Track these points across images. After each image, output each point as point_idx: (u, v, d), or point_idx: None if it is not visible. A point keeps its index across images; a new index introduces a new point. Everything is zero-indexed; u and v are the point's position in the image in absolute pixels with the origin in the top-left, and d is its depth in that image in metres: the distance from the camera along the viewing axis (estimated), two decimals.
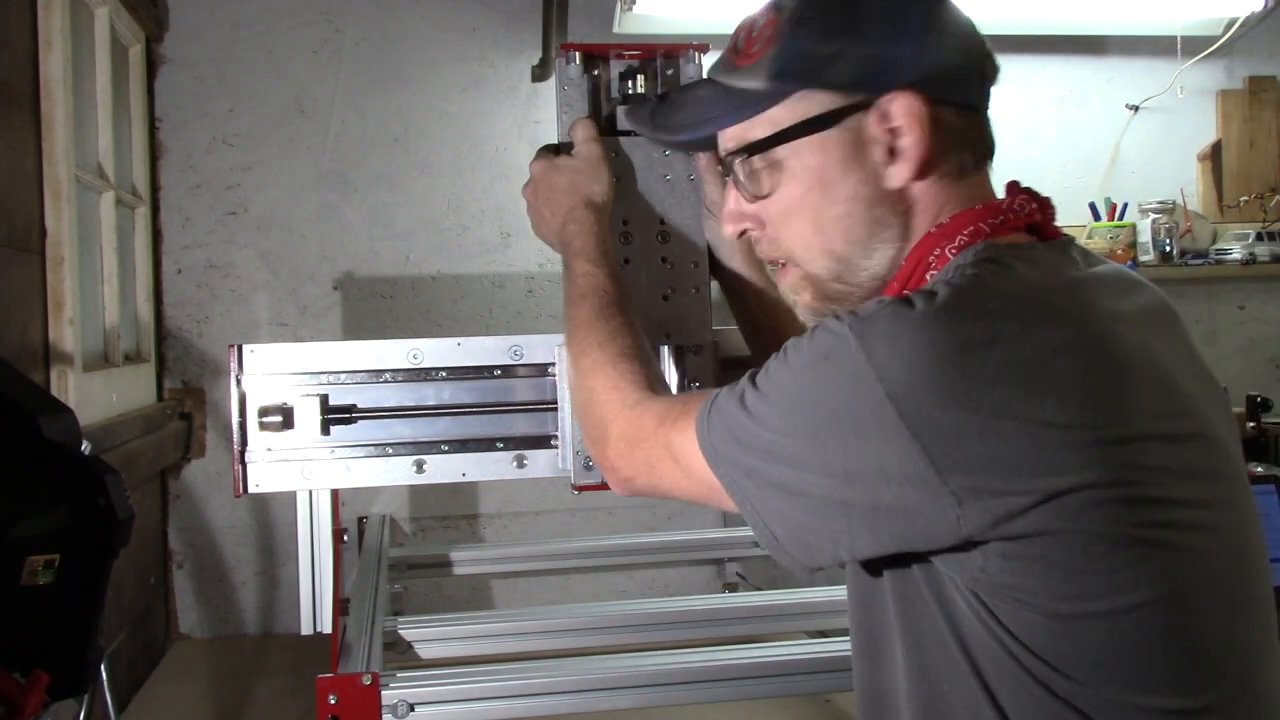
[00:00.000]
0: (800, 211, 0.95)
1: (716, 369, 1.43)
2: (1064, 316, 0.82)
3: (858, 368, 0.78)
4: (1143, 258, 2.98)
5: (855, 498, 0.80)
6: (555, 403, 1.45)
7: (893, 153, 0.93)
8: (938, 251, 0.92)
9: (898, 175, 0.93)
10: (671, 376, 1.37)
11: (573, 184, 1.24)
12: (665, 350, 1.38)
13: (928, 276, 0.91)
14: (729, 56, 0.99)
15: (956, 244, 0.92)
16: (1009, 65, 1.06)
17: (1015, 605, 0.80)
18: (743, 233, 1.01)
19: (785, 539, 0.85)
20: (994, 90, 1.04)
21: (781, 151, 0.94)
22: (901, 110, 0.92)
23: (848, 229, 0.94)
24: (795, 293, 1.00)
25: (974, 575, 0.80)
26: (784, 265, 1.00)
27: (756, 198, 0.97)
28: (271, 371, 1.40)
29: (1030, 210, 0.95)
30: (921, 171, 0.93)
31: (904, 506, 0.78)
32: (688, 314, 1.34)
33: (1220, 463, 0.88)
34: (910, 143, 0.92)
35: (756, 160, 0.96)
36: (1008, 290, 0.83)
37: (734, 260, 1.34)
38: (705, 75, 1.05)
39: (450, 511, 2.86)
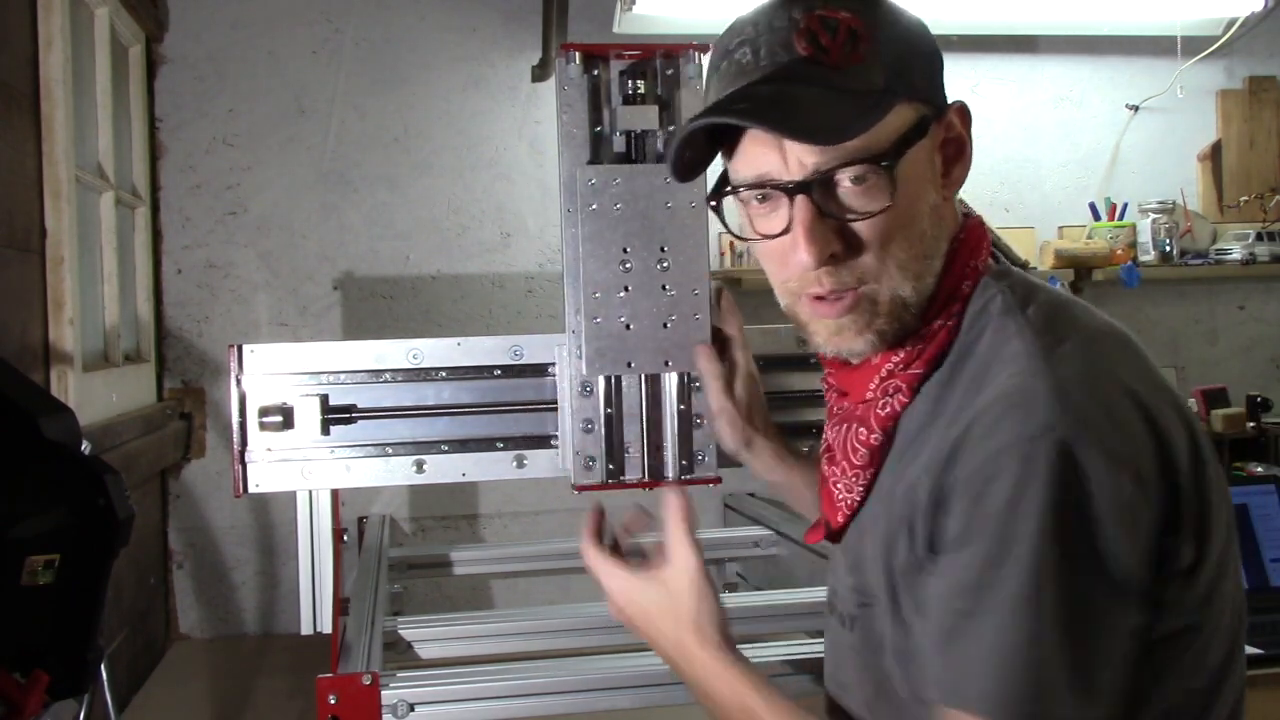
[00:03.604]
0: (905, 227, 0.88)
1: None
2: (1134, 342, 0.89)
3: (1092, 452, 0.76)
4: (1143, 258, 2.98)
5: (1144, 576, 0.77)
6: (555, 403, 1.45)
7: (944, 163, 0.92)
8: (971, 264, 0.92)
9: (957, 182, 0.93)
10: (675, 404, 1.38)
11: (686, 626, 1.02)
12: (667, 378, 1.38)
13: (964, 286, 0.92)
14: (813, 54, 0.85)
15: (982, 257, 0.92)
16: (1009, 65, 1.07)
17: None
18: (830, 258, 0.87)
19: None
20: (994, 90, 1.05)
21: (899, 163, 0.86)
22: (961, 119, 0.93)
23: (929, 243, 0.90)
24: (860, 326, 0.89)
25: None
26: (845, 298, 0.89)
27: (865, 215, 0.86)
28: (271, 371, 1.40)
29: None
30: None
31: (1170, 549, 0.79)
32: (689, 341, 1.35)
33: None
34: (968, 151, 0.93)
35: (871, 173, 0.86)
36: (1088, 317, 0.88)
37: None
38: (768, 69, 0.87)
39: (450, 511, 2.86)
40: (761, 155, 0.87)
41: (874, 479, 0.94)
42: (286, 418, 1.39)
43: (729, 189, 0.92)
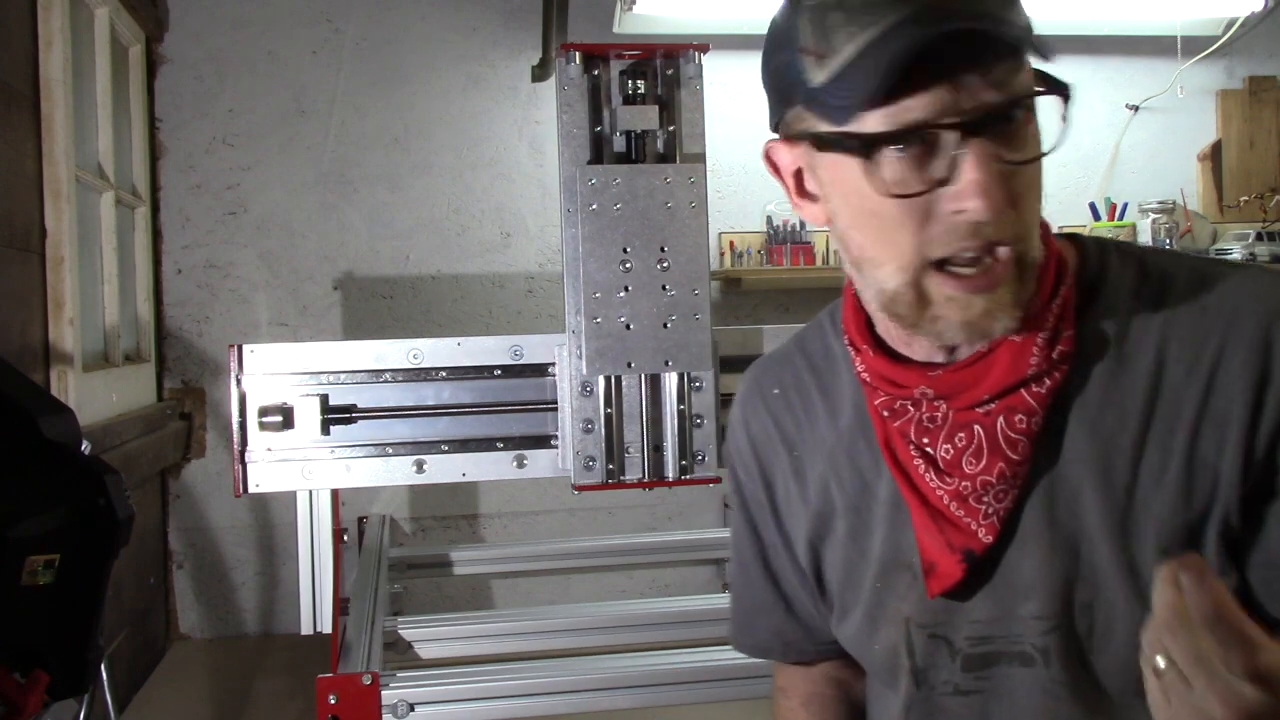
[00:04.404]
0: (1039, 180, 0.79)
1: (717, 400, 1.43)
2: None
3: None
4: None
5: None
6: (555, 403, 1.45)
7: None
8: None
9: None
10: (675, 404, 1.38)
11: None
12: (667, 378, 1.38)
13: (1053, 244, 0.85)
14: None
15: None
16: None
17: None
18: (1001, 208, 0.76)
19: None
20: None
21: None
22: None
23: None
24: (1010, 299, 0.77)
25: None
26: (998, 266, 0.76)
27: (1028, 160, 0.77)
28: (271, 371, 1.40)
29: None
30: None
31: None
32: (689, 341, 1.35)
33: None
34: None
35: (1031, 116, 0.78)
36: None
37: None
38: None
39: (450, 511, 2.86)
40: (932, 92, 0.73)
41: (1029, 474, 0.81)
42: (286, 418, 1.39)
43: (883, 136, 0.74)
